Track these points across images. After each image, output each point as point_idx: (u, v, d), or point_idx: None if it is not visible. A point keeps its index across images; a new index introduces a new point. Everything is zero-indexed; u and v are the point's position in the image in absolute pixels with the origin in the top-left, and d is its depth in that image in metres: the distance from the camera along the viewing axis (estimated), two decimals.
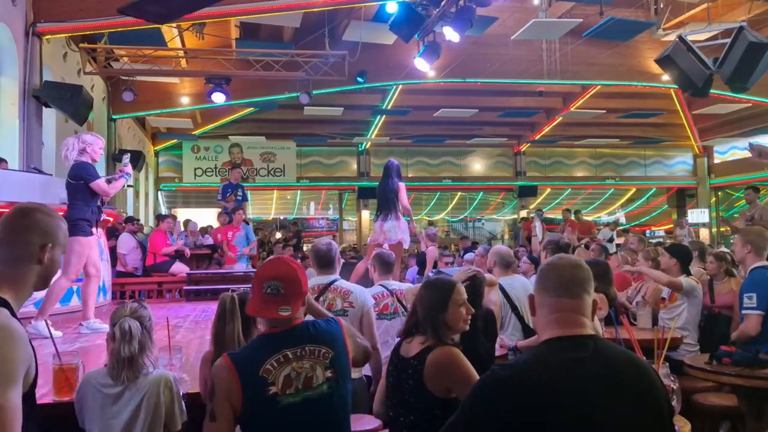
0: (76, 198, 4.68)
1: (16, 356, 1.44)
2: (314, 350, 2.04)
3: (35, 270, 1.63)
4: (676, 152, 19.68)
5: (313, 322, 2.15)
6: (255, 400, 1.95)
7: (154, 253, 8.35)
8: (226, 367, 1.99)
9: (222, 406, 1.95)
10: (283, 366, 1.98)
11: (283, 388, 1.97)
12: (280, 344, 2.02)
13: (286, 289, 2.05)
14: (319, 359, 2.04)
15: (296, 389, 1.98)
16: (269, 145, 17.86)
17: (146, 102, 12.47)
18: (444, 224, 20.41)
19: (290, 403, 1.97)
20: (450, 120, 16.15)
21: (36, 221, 1.65)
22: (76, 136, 5.00)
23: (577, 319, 1.68)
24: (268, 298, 2.04)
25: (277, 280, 2.05)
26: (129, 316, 2.36)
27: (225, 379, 1.97)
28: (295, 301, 2.07)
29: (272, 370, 1.97)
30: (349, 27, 10.43)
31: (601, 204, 20.31)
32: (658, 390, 1.65)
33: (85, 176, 4.69)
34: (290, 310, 2.04)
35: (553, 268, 1.77)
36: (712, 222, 18.59)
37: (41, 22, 7.97)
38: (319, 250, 3.82)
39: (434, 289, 2.50)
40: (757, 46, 6.81)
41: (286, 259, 2.19)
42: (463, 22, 7.95)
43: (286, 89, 12.23)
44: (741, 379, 3.19)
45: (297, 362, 2.00)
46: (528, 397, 1.54)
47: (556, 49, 11.40)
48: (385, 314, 4.04)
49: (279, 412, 1.96)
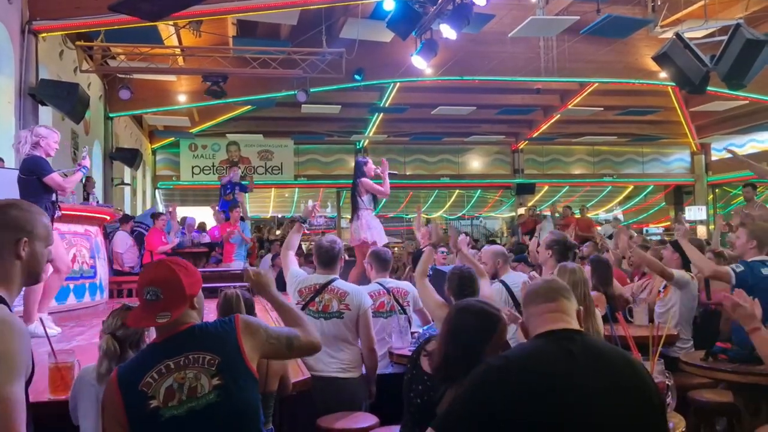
0: (27, 194, 4.44)
1: (19, 349, 1.46)
2: (198, 357, 1.90)
3: (17, 265, 1.63)
4: (673, 149, 19.70)
5: (202, 326, 2.00)
6: (138, 416, 1.85)
7: (151, 251, 8.34)
8: (111, 383, 1.90)
9: (111, 425, 1.88)
10: (165, 377, 1.86)
11: (165, 400, 1.84)
12: (162, 354, 1.90)
13: (165, 293, 1.91)
14: (203, 367, 1.89)
15: (179, 401, 1.85)
16: (267, 143, 17.84)
17: (143, 100, 12.45)
18: (442, 222, 20.41)
19: (173, 415, 1.84)
20: (448, 117, 16.14)
21: (9, 217, 1.65)
22: (29, 129, 4.78)
23: (561, 316, 1.82)
24: (148, 305, 1.92)
25: (154, 285, 1.92)
26: (112, 334, 2.33)
27: (109, 396, 1.88)
28: (177, 306, 1.92)
29: (152, 382, 1.86)
30: (347, 24, 10.42)
31: (598, 201, 20.32)
32: (643, 377, 1.73)
33: (37, 171, 4.48)
34: (169, 316, 1.90)
35: (531, 288, 1.98)
36: (709, 219, 18.61)
37: (37, 20, 7.94)
38: (321, 246, 3.77)
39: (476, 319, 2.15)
40: (754, 43, 6.81)
41: (167, 262, 2.04)
42: (461, 19, 7.95)
43: (283, 87, 12.21)
44: (737, 375, 3.20)
45: (179, 372, 1.87)
46: (519, 385, 1.62)
47: (553, 46, 11.39)
48: (381, 312, 4.04)
49: (162, 426, 1.84)
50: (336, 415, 3.33)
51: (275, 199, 19.24)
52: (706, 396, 3.75)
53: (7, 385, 1.40)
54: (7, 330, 1.45)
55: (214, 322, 2.04)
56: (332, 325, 3.59)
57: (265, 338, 2.04)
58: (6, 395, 1.39)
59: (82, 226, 6.29)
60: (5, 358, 1.42)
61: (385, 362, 3.92)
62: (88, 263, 6.26)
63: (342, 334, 3.59)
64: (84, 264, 6.18)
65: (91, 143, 11.33)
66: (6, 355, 1.43)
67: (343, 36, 10.62)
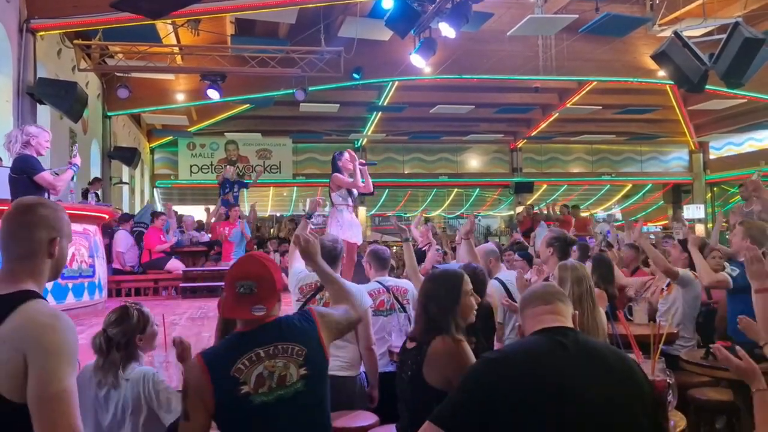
0: (18, 192, 4.44)
1: (73, 341, 1.51)
2: (287, 348, 2.02)
3: (48, 263, 1.67)
4: (671, 148, 19.71)
5: (287, 318, 2.13)
6: (227, 400, 1.94)
7: (150, 250, 8.32)
8: (198, 366, 1.98)
9: (195, 406, 1.94)
10: (255, 365, 1.97)
11: (255, 387, 1.95)
12: (253, 343, 2.00)
13: (259, 288, 2.02)
14: (292, 357, 2.01)
15: (269, 388, 1.96)
16: (265, 142, 17.83)
17: (141, 99, 12.42)
18: (440, 221, 20.40)
19: (263, 402, 1.95)
20: (446, 116, 16.13)
21: (41, 216, 1.67)
22: (20, 128, 4.76)
23: (556, 317, 1.90)
24: (242, 298, 2.02)
25: (249, 279, 2.02)
26: (105, 330, 2.39)
27: (197, 379, 1.96)
28: (270, 299, 2.05)
29: (244, 369, 1.96)
30: (345, 23, 10.40)
31: (597, 200, 20.34)
32: (636, 372, 1.80)
33: (27, 169, 4.47)
34: (264, 309, 2.02)
35: (528, 292, 2.07)
36: (708, 218, 18.64)
37: (35, 19, 7.92)
38: (323, 246, 3.72)
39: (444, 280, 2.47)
40: (753, 42, 6.81)
41: (259, 257, 2.16)
42: (459, 18, 7.94)
43: (281, 86, 12.19)
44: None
45: (269, 360, 1.98)
46: (514, 377, 1.69)
47: (551, 45, 11.39)
48: (381, 311, 4.02)
49: (252, 412, 1.94)
50: (335, 413, 3.32)
51: (274, 198, 19.23)
52: (706, 394, 3.76)
53: (67, 378, 1.44)
54: (61, 325, 1.49)
55: (294, 316, 2.17)
56: None
57: (334, 326, 2.20)
58: (67, 387, 1.44)
59: (81, 225, 6.27)
60: (64, 351, 1.46)
61: (385, 361, 3.91)
62: (87, 262, 6.24)
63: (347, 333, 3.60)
64: (83, 263, 6.17)
65: (89, 142, 11.31)
66: (64, 348, 1.47)
67: (341, 35, 10.61)
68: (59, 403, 1.41)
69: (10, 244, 1.64)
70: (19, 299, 1.52)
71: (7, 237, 1.64)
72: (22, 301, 1.51)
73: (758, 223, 4.48)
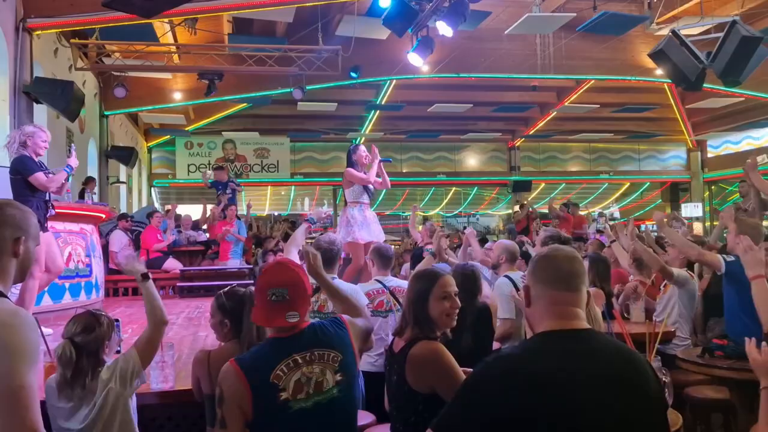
0: (17, 193, 4.43)
1: (34, 339, 1.50)
2: (323, 354, 2.03)
3: (13, 263, 1.67)
4: (669, 146, 19.73)
5: (321, 324, 2.13)
6: (266, 406, 1.93)
7: (147, 250, 8.31)
8: (234, 373, 1.96)
9: (232, 413, 1.92)
10: (294, 371, 1.97)
11: (294, 393, 1.95)
12: (289, 349, 2.00)
13: (291, 294, 2.01)
14: (328, 363, 2.03)
15: (307, 394, 1.96)
16: (263, 141, 17.81)
17: (138, 98, 12.39)
18: (439, 219, 20.41)
19: (301, 408, 1.95)
20: (444, 115, 16.13)
21: (6, 216, 1.67)
22: (19, 128, 4.75)
23: (575, 312, 1.68)
24: (275, 306, 2.01)
25: (282, 287, 2.01)
26: (71, 339, 2.31)
27: (234, 386, 1.94)
28: (302, 305, 2.05)
29: (282, 375, 1.95)
30: (343, 22, 10.38)
31: (595, 198, 20.35)
32: (652, 385, 1.65)
33: (21, 170, 4.45)
34: (298, 315, 2.02)
35: (550, 260, 1.75)
36: (706, 216, 18.66)
37: (31, 18, 7.89)
38: (320, 247, 3.67)
39: (418, 281, 2.46)
40: (750, 40, 6.81)
41: (289, 263, 2.15)
42: (457, 16, 7.93)
43: (279, 84, 12.17)
44: (733, 372, 3.20)
45: (307, 367, 1.99)
46: (522, 389, 1.53)
47: (549, 43, 11.39)
48: (380, 311, 3.99)
49: (290, 418, 1.94)
50: None
51: (271, 197, 19.22)
52: (702, 393, 3.76)
53: (25, 375, 1.44)
54: (20, 322, 1.49)
55: (326, 322, 2.17)
56: None
57: (359, 335, 2.22)
58: (25, 383, 1.44)
59: (78, 224, 6.26)
60: (22, 349, 1.47)
61: (382, 361, 3.91)
62: (84, 262, 6.24)
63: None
64: (80, 263, 6.16)
65: (86, 141, 11.29)
66: (22, 346, 1.47)
67: (339, 33, 10.59)
68: (19, 399, 1.42)
69: None
70: None
71: None
72: None
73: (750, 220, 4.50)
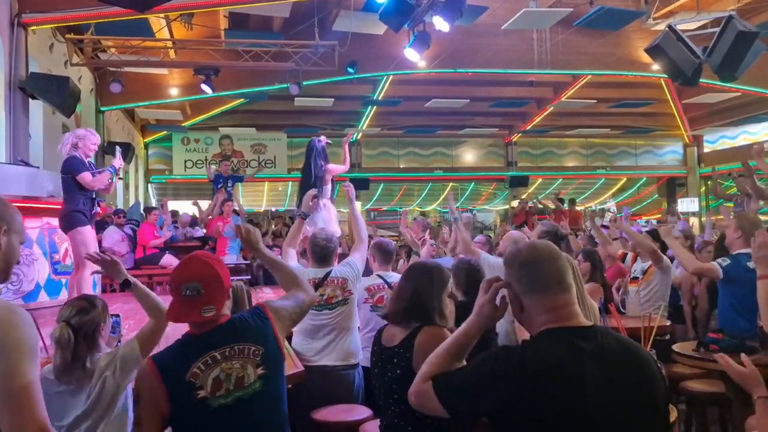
0: (68, 191, 4.88)
1: (32, 334, 1.49)
2: (243, 348, 1.97)
3: None
4: (666, 142, 19.76)
5: (241, 317, 2.07)
6: (183, 405, 1.89)
7: (144, 246, 8.29)
8: (150, 371, 1.92)
9: (148, 412, 1.90)
10: (211, 368, 1.92)
11: (212, 391, 1.90)
12: (207, 345, 1.95)
13: (206, 288, 1.96)
14: (249, 357, 1.97)
15: (227, 390, 1.92)
16: (260, 137, 17.78)
17: (135, 93, 12.36)
18: (436, 215, 20.41)
19: (221, 405, 1.91)
20: (441, 110, 16.12)
21: None
22: (72, 131, 5.17)
23: (575, 311, 1.63)
24: (188, 300, 1.95)
25: (194, 281, 1.96)
26: (67, 321, 2.29)
27: (149, 384, 1.91)
28: (218, 299, 1.99)
29: (200, 373, 1.91)
30: (339, 17, 10.36)
31: (592, 194, 20.38)
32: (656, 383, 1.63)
33: (71, 170, 4.85)
34: (214, 309, 1.96)
35: (533, 265, 1.65)
36: (702, 211, 18.70)
37: (26, 13, 7.85)
38: (317, 243, 3.71)
39: (436, 273, 2.40)
40: (746, 35, 6.81)
41: (202, 257, 2.09)
42: (453, 11, 7.91)
43: (276, 80, 12.14)
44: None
45: (226, 363, 1.93)
46: (529, 383, 1.52)
47: (546, 38, 11.38)
48: (380, 307, 3.96)
49: (209, 416, 1.90)
50: (330, 408, 3.33)
51: (269, 193, 19.20)
52: (697, 386, 3.78)
53: (28, 372, 1.43)
54: (16, 318, 1.47)
55: (246, 313, 2.11)
56: (338, 314, 3.63)
57: (287, 317, 2.17)
58: (28, 380, 1.42)
59: None
60: (22, 345, 1.45)
61: None
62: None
63: (347, 322, 3.63)
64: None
65: None
66: (23, 342, 1.45)
67: (335, 28, 10.56)
68: (23, 397, 1.41)
69: None
70: None
71: None
72: None
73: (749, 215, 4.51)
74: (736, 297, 3.66)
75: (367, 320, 4.01)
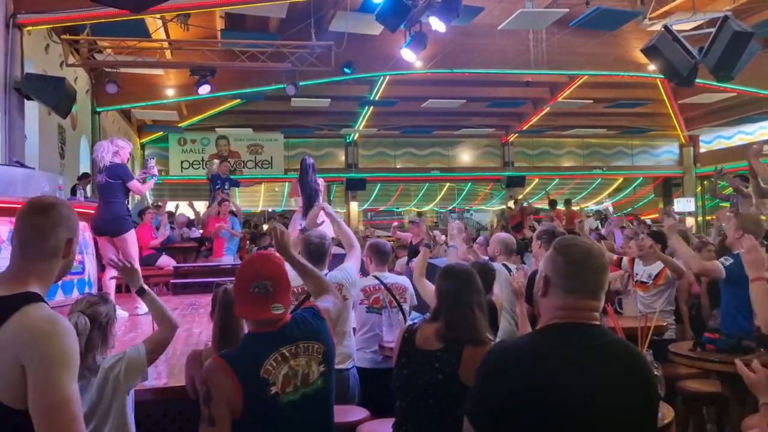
0: (115, 196, 5.25)
1: (73, 345, 1.47)
2: (308, 346, 2.06)
3: (60, 264, 1.63)
4: (662, 142, 19.81)
5: (302, 316, 2.14)
6: (256, 402, 1.93)
7: (141, 247, 8.27)
8: (222, 369, 1.94)
9: (221, 410, 1.91)
10: (282, 365, 1.98)
11: (282, 387, 1.96)
12: (277, 343, 2.01)
13: (274, 286, 2.01)
14: (313, 355, 2.05)
15: (295, 387, 1.99)
16: (256, 137, 17.76)
17: (131, 94, 12.32)
18: (433, 215, 20.43)
19: (290, 401, 1.97)
20: (438, 111, 16.13)
21: (62, 216, 1.63)
22: (109, 140, 5.56)
23: (592, 315, 1.65)
24: (257, 298, 2.00)
25: (264, 279, 2.01)
26: (82, 311, 2.33)
27: (223, 382, 1.92)
28: (285, 297, 2.05)
29: (272, 369, 1.96)
30: (336, 17, 10.36)
31: (588, 194, 20.41)
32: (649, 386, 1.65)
33: (123, 176, 5.28)
34: (282, 307, 2.02)
35: (579, 269, 1.65)
36: (698, 211, 18.74)
37: (22, 14, 7.82)
38: (311, 243, 3.69)
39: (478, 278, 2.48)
40: (742, 36, 6.83)
41: (270, 256, 2.16)
42: (450, 12, 7.92)
43: (272, 80, 12.13)
44: (724, 365, 3.21)
45: (294, 360, 2.00)
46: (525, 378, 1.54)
47: (542, 39, 11.39)
48: (375, 308, 3.98)
49: (279, 412, 1.95)
50: None
51: (265, 194, 19.18)
52: (694, 386, 3.79)
53: (67, 385, 1.41)
54: (59, 330, 1.45)
55: (307, 314, 2.17)
56: None
57: (334, 321, 2.28)
58: (67, 395, 1.40)
59: None
60: (63, 358, 1.43)
61: (375, 356, 3.91)
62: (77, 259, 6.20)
63: (342, 326, 3.61)
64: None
65: (78, 138, 11.23)
66: (63, 355, 1.43)
67: (332, 29, 10.56)
68: (61, 411, 1.39)
69: (32, 243, 1.58)
70: (17, 303, 1.47)
71: (31, 235, 1.58)
72: (20, 305, 1.46)
73: (750, 214, 4.51)
74: (738, 297, 3.66)
75: (363, 322, 4.00)
